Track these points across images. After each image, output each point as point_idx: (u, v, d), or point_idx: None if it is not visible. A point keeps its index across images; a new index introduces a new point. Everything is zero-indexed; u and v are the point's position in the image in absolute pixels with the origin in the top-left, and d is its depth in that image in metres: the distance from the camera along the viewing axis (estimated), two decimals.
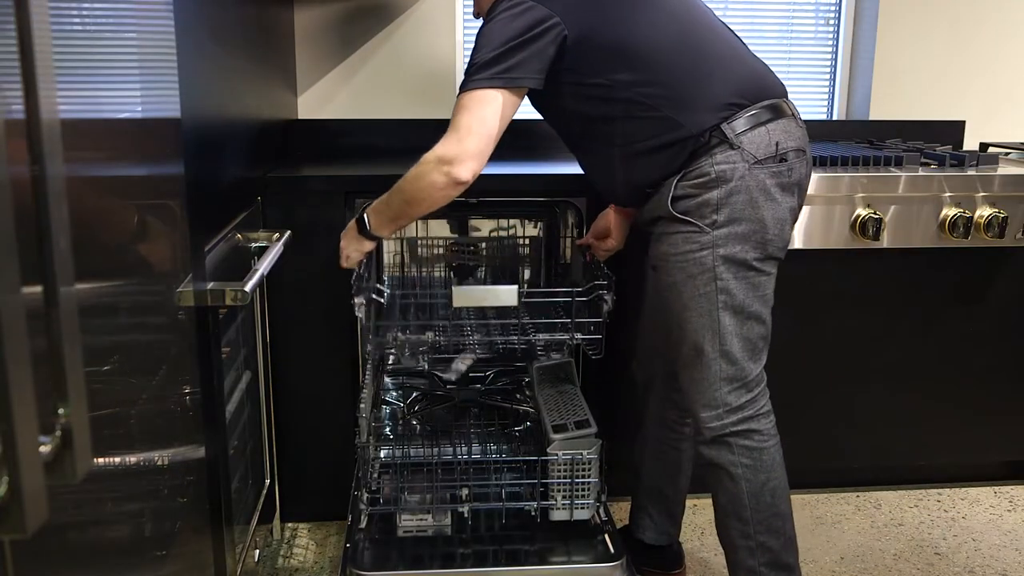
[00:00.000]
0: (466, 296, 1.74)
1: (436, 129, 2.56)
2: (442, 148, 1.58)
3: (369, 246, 1.76)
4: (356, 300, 1.71)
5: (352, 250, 1.77)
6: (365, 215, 1.72)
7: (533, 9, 1.55)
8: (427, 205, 1.63)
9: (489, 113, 1.57)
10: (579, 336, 1.82)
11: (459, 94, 1.59)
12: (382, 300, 1.84)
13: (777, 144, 1.56)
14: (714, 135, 1.54)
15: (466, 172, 1.57)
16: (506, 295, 1.70)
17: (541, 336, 1.92)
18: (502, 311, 2.04)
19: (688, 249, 1.57)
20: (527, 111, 2.66)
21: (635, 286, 1.94)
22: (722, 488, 1.64)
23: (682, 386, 1.65)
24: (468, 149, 1.56)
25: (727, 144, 1.54)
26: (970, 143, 2.73)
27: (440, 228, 2.44)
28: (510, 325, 1.94)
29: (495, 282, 2.42)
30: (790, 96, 1.67)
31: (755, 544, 1.63)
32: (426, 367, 2.30)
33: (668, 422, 1.88)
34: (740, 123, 1.55)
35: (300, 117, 2.54)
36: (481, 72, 1.56)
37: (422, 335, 1.92)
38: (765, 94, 1.59)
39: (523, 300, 1.75)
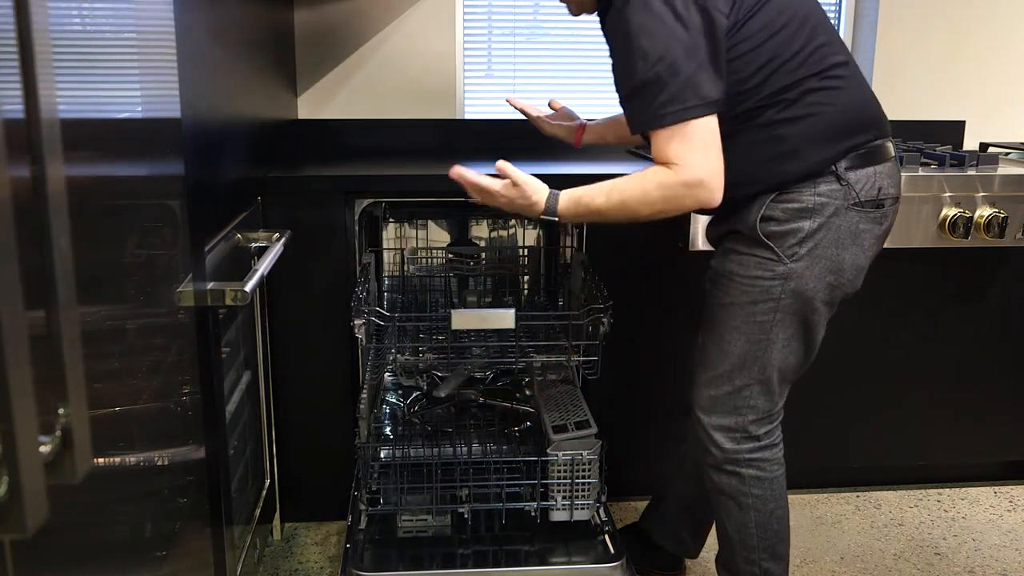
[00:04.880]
0: (465, 319, 1.76)
1: (436, 129, 2.58)
2: (695, 169, 1.40)
3: (531, 215, 1.60)
4: (356, 322, 1.72)
5: (509, 205, 1.58)
6: (557, 198, 1.54)
7: (707, 9, 1.40)
8: (659, 217, 1.48)
9: (713, 123, 1.41)
10: (576, 359, 1.85)
11: (679, 120, 1.40)
12: (381, 323, 1.86)
13: (880, 189, 1.50)
14: (827, 167, 1.47)
15: (717, 191, 1.42)
16: (504, 319, 1.73)
17: (539, 358, 1.95)
18: (501, 331, 2.06)
19: (759, 275, 1.51)
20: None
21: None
22: (730, 518, 1.63)
23: (701, 403, 1.60)
24: (716, 168, 1.41)
25: (834, 176, 1.47)
26: (970, 143, 2.72)
27: (439, 227, 2.44)
28: (508, 347, 1.95)
29: (495, 290, 2.42)
30: None
31: (759, 571, 1.64)
32: (425, 387, 2.31)
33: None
34: (852, 158, 1.48)
35: (300, 117, 2.54)
36: (677, 103, 1.39)
37: (420, 357, 1.95)
38: (880, 131, 1.52)
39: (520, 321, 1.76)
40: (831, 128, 1.47)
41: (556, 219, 1.56)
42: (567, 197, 1.54)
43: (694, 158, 1.41)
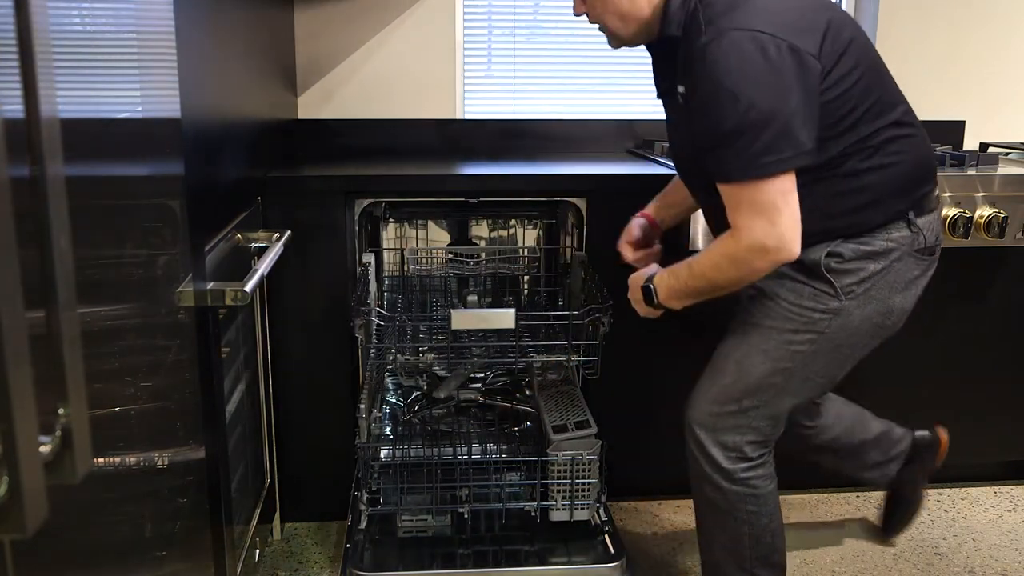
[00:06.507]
0: (465, 319, 1.76)
1: (436, 129, 2.58)
2: (760, 236, 1.35)
3: (659, 312, 1.59)
4: (356, 322, 1.72)
5: (645, 312, 1.62)
6: (652, 288, 1.55)
7: (801, 62, 1.33)
8: (744, 285, 1.47)
9: (788, 184, 1.36)
10: (576, 359, 1.85)
11: (750, 178, 1.35)
12: (381, 323, 1.86)
13: (937, 236, 1.51)
14: (905, 214, 1.48)
15: (794, 247, 1.37)
16: (504, 318, 1.73)
17: (539, 358, 1.95)
18: (500, 331, 2.07)
19: (811, 306, 1.47)
20: (532, 112, 2.67)
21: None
22: (723, 531, 1.61)
23: (699, 417, 1.56)
24: (787, 228, 1.35)
25: (906, 222, 1.46)
26: (970, 143, 2.72)
27: (439, 227, 2.44)
28: (508, 347, 1.95)
29: (495, 290, 2.42)
30: None
31: None
32: (425, 387, 2.31)
33: (800, 432, 1.84)
34: (920, 204, 1.49)
35: (300, 117, 2.54)
36: (771, 154, 1.33)
37: (420, 356, 1.95)
38: (936, 178, 1.53)
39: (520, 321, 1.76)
40: (910, 175, 1.47)
41: (666, 307, 1.55)
42: (661, 282, 1.53)
43: (759, 224, 1.35)
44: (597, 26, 1.55)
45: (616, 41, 1.55)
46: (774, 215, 1.35)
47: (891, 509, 2.06)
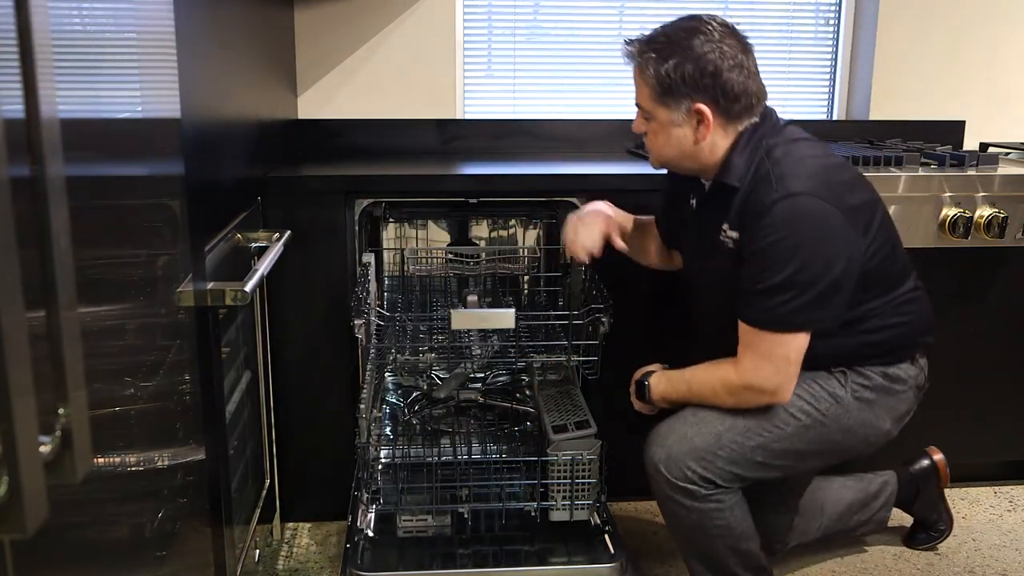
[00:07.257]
0: (465, 319, 1.77)
1: (436, 129, 2.58)
2: (762, 380, 1.49)
3: (653, 409, 1.70)
4: (356, 322, 1.72)
5: (638, 407, 1.73)
6: (647, 386, 1.67)
7: (849, 236, 1.46)
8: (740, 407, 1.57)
9: (804, 341, 1.49)
10: (576, 359, 1.85)
11: (777, 329, 1.47)
12: (382, 323, 1.86)
13: (928, 378, 1.67)
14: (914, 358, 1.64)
15: (787, 395, 1.52)
16: (504, 319, 1.73)
17: (539, 358, 1.95)
18: (501, 331, 2.07)
19: (820, 383, 1.57)
20: (532, 112, 2.67)
21: None
22: (696, 544, 1.62)
23: (667, 441, 1.57)
24: (789, 378, 1.50)
25: (911, 360, 1.63)
26: (970, 143, 2.72)
27: (439, 227, 2.44)
28: (508, 347, 1.95)
29: (495, 290, 2.42)
30: (789, 96, 1.68)
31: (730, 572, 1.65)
32: (425, 387, 2.31)
33: (776, 549, 1.88)
34: (923, 350, 1.67)
35: (300, 117, 2.54)
36: (804, 314, 1.45)
37: (420, 356, 1.95)
38: (934, 329, 1.69)
39: (520, 321, 1.76)
40: (919, 329, 1.64)
41: (657, 404, 1.67)
42: (657, 385, 1.65)
43: (765, 370, 1.49)
44: (644, 144, 1.64)
45: (660, 164, 1.63)
46: (782, 366, 1.48)
47: (916, 530, 2.11)
